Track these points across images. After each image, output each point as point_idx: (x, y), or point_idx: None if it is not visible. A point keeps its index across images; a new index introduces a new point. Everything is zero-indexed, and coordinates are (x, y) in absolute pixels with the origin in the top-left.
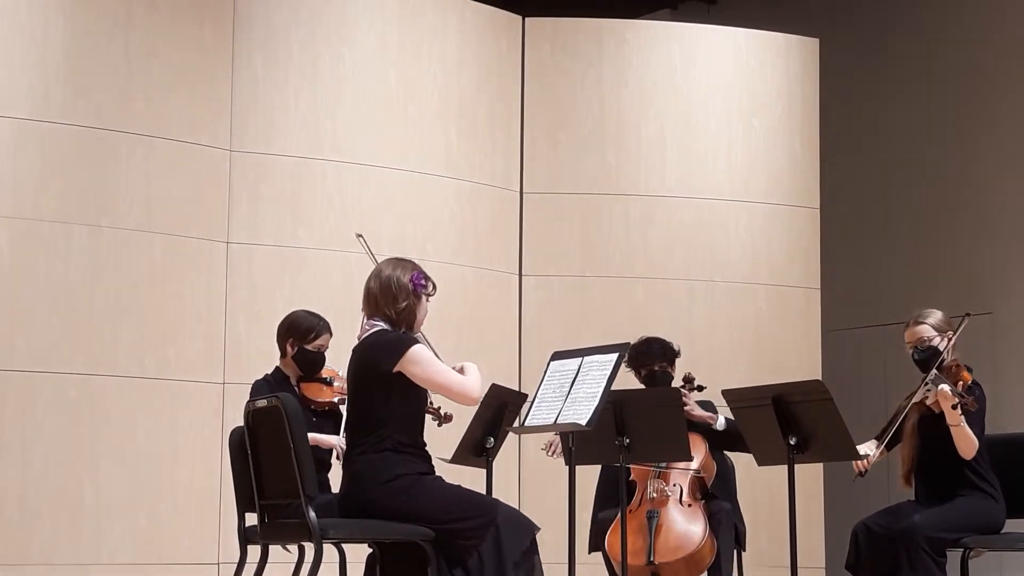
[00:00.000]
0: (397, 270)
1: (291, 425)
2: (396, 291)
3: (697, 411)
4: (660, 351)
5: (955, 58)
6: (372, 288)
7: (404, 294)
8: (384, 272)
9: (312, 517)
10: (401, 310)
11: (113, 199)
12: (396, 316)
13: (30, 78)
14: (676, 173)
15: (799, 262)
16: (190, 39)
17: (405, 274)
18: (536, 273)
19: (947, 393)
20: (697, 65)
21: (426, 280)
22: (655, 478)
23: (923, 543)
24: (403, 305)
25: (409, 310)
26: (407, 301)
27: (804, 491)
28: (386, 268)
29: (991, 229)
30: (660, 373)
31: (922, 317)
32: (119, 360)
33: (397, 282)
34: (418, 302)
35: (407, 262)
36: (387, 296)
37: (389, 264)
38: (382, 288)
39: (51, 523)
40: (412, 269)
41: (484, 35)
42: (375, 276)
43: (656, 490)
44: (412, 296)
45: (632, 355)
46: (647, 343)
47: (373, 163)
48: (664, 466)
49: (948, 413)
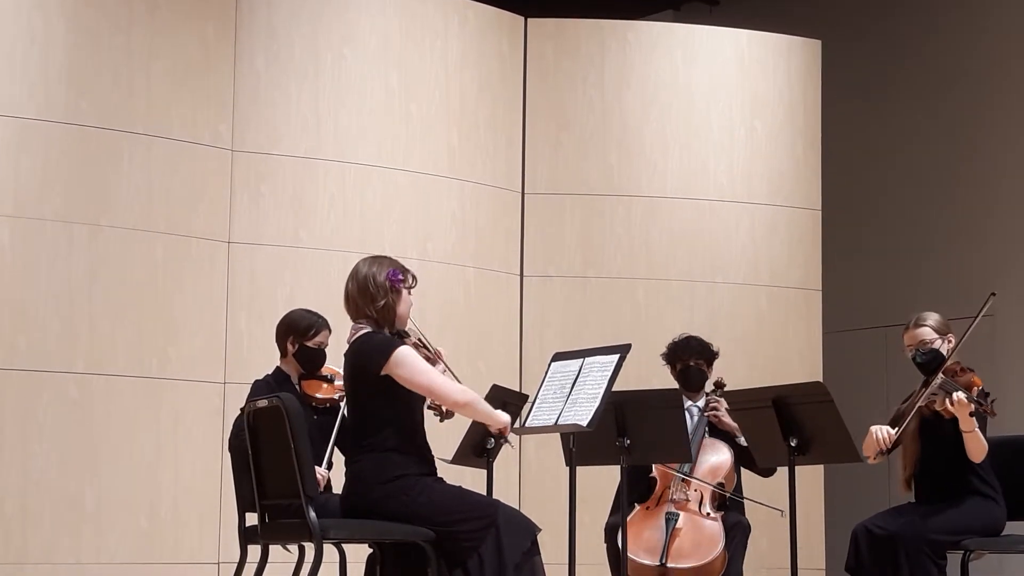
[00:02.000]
0: (373, 267)
1: (292, 425)
2: (374, 290)
3: (726, 419)
4: (697, 347)
5: (957, 60)
6: (350, 289)
7: (382, 292)
8: (361, 271)
9: (312, 517)
10: (380, 308)
11: (115, 198)
12: (377, 315)
13: (32, 78)
14: (678, 174)
15: (800, 264)
16: (192, 39)
17: (381, 271)
18: (537, 274)
19: (964, 400)
20: (699, 66)
21: (404, 273)
22: (678, 481)
23: (923, 545)
24: (382, 303)
25: (388, 307)
26: (385, 299)
27: (804, 493)
28: (363, 267)
29: (993, 231)
30: (695, 369)
31: (922, 319)
32: (120, 359)
33: (374, 280)
34: (398, 297)
35: (383, 259)
36: (365, 296)
37: (365, 263)
38: (359, 289)
39: (51, 522)
40: (389, 265)
41: (486, 35)
42: (352, 277)
43: (678, 492)
44: (391, 293)
45: (669, 350)
46: (686, 339)
47: (374, 163)
48: (688, 471)
49: (963, 420)
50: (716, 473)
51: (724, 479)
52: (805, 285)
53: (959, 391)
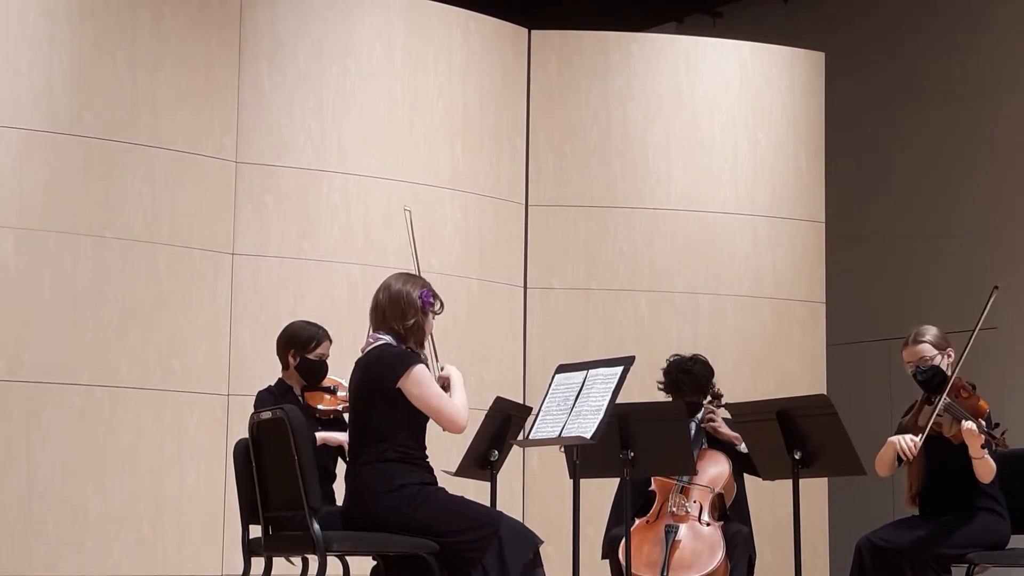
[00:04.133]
0: (407, 285)
1: (295, 437)
2: (405, 306)
3: (724, 429)
4: (692, 385)
5: (961, 71)
6: (381, 301)
7: (413, 310)
8: (394, 286)
9: (316, 529)
10: (409, 326)
11: (118, 210)
12: (404, 331)
13: (37, 90)
14: (681, 186)
15: (804, 276)
16: (196, 51)
17: (415, 290)
18: (541, 285)
19: (974, 432)
20: (702, 78)
21: (434, 298)
22: (677, 492)
23: (928, 558)
24: (411, 322)
25: (417, 326)
26: (415, 318)
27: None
28: (396, 282)
29: (997, 243)
30: (691, 405)
31: (920, 335)
32: (124, 371)
33: (407, 297)
34: (425, 319)
35: (417, 278)
36: (396, 310)
37: (399, 279)
38: (391, 302)
39: (55, 533)
40: (422, 286)
41: (490, 47)
42: (384, 289)
43: (677, 505)
44: (420, 313)
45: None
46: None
47: (378, 175)
48: (687, 480)
49: (973, 448)
50: (715, 484)
51: (723, 489)
52: (809, 297)
53: (968, 420)
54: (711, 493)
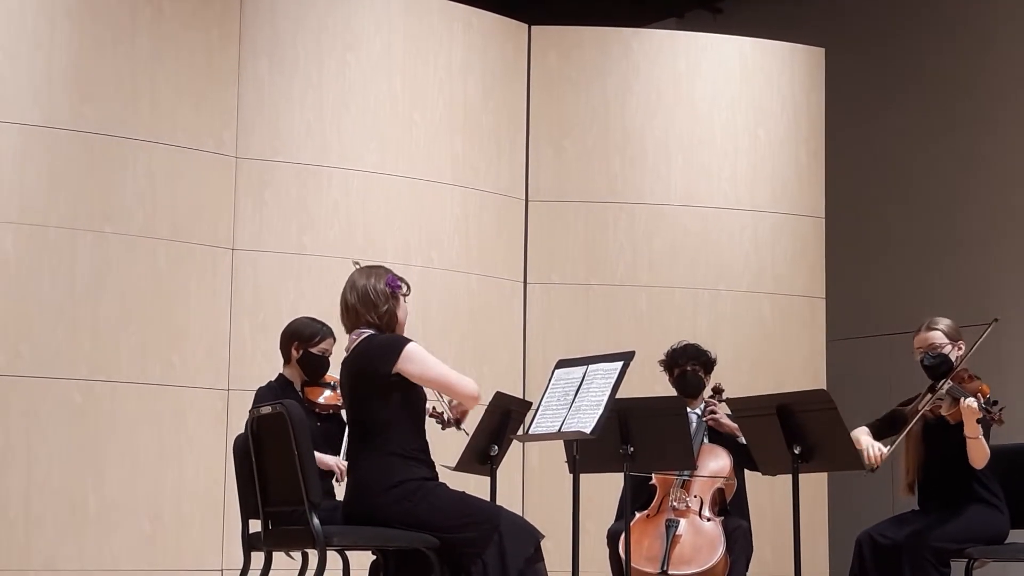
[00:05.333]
0: (371, 278)
1: (295, 432)
2: (375, 297)
3: (725, 422)
4: (694, 353)
5: (960, 68)
6: (349, 300)
7: (383, 298)
8: (359, 283)
9: (316, 524)
10: (383, 313)
11: (119, 205)
12: (380, 321)
13: (36, 84)
14: (681, 182)
15: (804, 271)
16: (196, 45)
17: (380, 280)
18: (541, 281)
19: (974, 407)
20: (703, 74)
21: (400, 281)
22: (678, 487)
23: (927, 553)
24: (384, 309)
25: (391, 313)
26: (387, 304)
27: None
28: (360, 279)
29: (996, 238)
30: (691, 374)
31: (934, 323)
32: (123, 366)
33: (374, 288)
34: (397, 304)
35: (377, 268)
36: (367, 304)
37: (360, 274)
38: (360, 298)
39: (55, 529)
40: (385, 273)
41: (490, 43)
42: (350, 288)
43: (678, 499)
44: (391, 299)
45: (667, 356)
46: (683, 347)
47: (378, 170)
48: (688, 475)
49: (969, 426)
50: (716, 479)
51: (724, 484)
52: (809, 293)
53: (968, 397)
54: (712, 487)
